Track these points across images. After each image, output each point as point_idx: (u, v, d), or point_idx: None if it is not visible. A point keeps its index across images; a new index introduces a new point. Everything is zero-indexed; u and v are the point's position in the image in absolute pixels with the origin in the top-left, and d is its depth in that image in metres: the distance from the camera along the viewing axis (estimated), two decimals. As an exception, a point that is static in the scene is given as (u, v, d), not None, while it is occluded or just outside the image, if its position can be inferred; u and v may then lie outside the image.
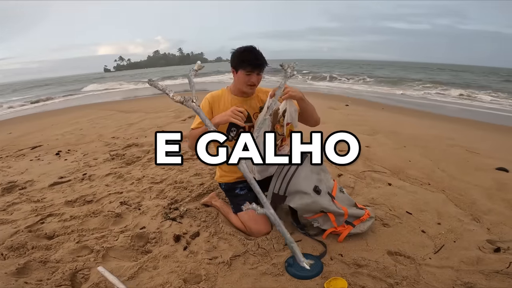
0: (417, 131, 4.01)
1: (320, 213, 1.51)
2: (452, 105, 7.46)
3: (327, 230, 1.52)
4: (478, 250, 1.45)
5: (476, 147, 3.20)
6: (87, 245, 1.55)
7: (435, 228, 1.65)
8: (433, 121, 4.97)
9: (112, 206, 2.00)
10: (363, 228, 1.53)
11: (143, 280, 1.29)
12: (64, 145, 3.87)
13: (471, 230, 1.61)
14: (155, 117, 5.40)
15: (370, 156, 2.88)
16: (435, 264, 1.35)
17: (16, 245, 1.53)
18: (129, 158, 3.02)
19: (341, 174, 2.42)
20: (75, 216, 1.88)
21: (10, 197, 2.23)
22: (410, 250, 1.45)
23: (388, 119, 4.90)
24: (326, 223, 1.53)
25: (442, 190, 2.15)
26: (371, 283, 1.24)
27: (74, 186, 2.43)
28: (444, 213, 1.80)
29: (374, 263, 1.35)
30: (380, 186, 2.19)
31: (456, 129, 4.30)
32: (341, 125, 4.19)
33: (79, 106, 9.13)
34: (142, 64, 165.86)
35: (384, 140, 3.47)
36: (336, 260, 1.38)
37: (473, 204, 1.93)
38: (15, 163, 3.18)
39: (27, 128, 5.49)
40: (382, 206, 1.88)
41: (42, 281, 1.28)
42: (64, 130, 4.86)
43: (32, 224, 1.80)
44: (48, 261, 1.42)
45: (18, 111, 9.63)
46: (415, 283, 1.24)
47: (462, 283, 1.23)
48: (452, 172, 2.47)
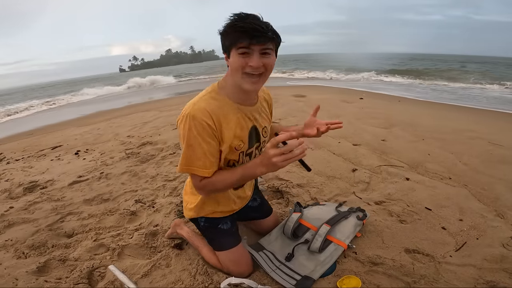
0: (436, 123, 3.85)
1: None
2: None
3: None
4: (502, 247, 1.37)
5: (499, 139, 3.03)
6: (103, 243, 1.59)
7: (456, 224, 1.58)
8: (451, 113, 4.77)
9: (127, 204, 2.04)
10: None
11: (156, 278, 1.30)
12: (83, 144, 3.99)
13: (495, 227, 1.54)
14: (168, 115, 5.47)
15: (386, 150, 2.79)
16: (456, 262, 1.30)
17: (37, 244, 1.60)
18: (143, 156, 3.08)
19: (356, 169, 2.36)
20: (93, 215, 1.94)
21: (31, 196, 2.32)
22: (429, 248, 1.39)
23: (404, 112, 4.73)
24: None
25: (464, 184, 2.05)
26: (386, 282, 1.20)
27: (92, 184, 2.50)
28: (466, 209, 1.72)
29: (390, 261, 1.30)
30: (397, 181, 2.12)
31: (477, 121, 4.10)
32: (355, 119, 4.09)
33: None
34: (156, 63, 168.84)
35: (401, 133, 3.36)
36: (350, 258, 1.35)
37: (497, 199, 1.83)
38: (37, 163, 3.30)
39: (48, 128, 5.70)
40: (399, 202, 1.82)
41: (61, 279, 1.32)
42: (83, 130, 5.01)
43: (53, 223, 1.86)
44: (67, 259, 1.47)
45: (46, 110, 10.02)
46: (434, 282, 1.19)
47: (484, 281, 1.18)
48: (475, 166, 2.36)
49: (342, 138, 3.23)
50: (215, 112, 1.01)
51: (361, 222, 1.52)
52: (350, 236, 1.43)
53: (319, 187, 2.09)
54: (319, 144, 3.05)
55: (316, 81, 11.68)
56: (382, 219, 1.64)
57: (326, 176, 2.27)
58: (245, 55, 0.93)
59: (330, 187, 2.09)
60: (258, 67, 0.95)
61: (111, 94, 14.23)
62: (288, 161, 0.89)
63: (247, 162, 1.06)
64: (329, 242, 1.38)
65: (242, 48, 0.92)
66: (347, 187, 2.09)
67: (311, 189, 2.07)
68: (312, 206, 1.70)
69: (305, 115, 4.47)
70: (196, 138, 0.99)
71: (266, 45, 0.94)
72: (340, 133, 3.39)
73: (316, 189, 2.07)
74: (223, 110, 1.04)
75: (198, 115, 0.98)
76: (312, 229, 1.45)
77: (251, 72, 0.96)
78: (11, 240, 1.68)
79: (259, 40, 0.91)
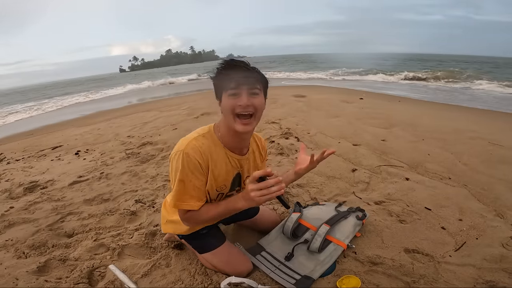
0: (436, 123, 3.85)
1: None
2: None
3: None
4: (502, 247, 1.37)
5: (499, 139, 3.03)
6: (103, 243, 1.59)
7: (456, 224, 1.58)
8: (452, 113, 4.77)
9: (127, 204, 2.04)
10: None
11: (156, 277, 1.30)
12: (83, 144, 3.99)
13: (495, 227, 1.54)
14: (168, 115, 5.47)
15: (386, 150, 2.80)
16: (455, 262, 1.30)
17: (37, 244, 1.60)
18: (143, 156, 3.08)
19: (356, 169, 2.37)
20: (93, 215, 1.94)
21: (32, 196, 2.32)
22: (428, 248, 1.39)
23: (405, 112, 4.74)
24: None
25: (463, 184, 2.05)
26: (386, 282, 1.20)
27: (92, 185, 2.50)
28: (466, 209, 1.72)
29: (390, 260, 1.31)
30: (396, 181, 2.13)
31: (477, 121, 4.11)
32: (355, 119, 4.09)
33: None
34: (156, 63, 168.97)
35: (401, 133, 3.36)
36: (350, 258, 1.35)
37: (496, 199, 1.83)
38: (37, 163, 3.31)
39: (49, 128, 5.71)
40: (399, 202, 1.82)
41: (61, 279, 1.32)
42: (83, 130, 5.01)
43: (53, 223, 1.87)
44: (67, 259, 1.47)
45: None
46: (433, 281, 1.19)
47: (484, 281, 1.18)
48: (475, 166, 2.36)
49: (342, 138, 3.23)
50: (206, 153, 1.07)
51: (360, 222, 1.52)
52: (349, 236, 1.43)
53: (319, 187, 2.09)
54: (319, 144, 3.05)
55: (317, 81, 11.68)
56: (381, 219, 1.64)
57: (326, 176, 2.27)
58: (235, 96, 0.98)
59: (330, 187, 2.10)
60: (247, 106, 0.98)
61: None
62: (265, 196, 0.91)
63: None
64: (329, 242, 1.38)
65: (231, 90, 0.98)
66: (347, 187, 2.09)
67: (311, 189, 2.07)
68: (311, 206, 1.71)
69: (305, 115, 4.48)
70: (187, 175, 1.04)
71: (254, 85, 0.99)
72: (340, 133, 3.39)
73: (316, 189, 2.07)
74: (214, 153, 1.09)
75: (191, 153, 1.03)
76: (312, 229, 1.45)
77: (241, 113, 0.99)
78: (12, 240, 1.68)
79: (247, 81, 0.98)
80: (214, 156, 1.09)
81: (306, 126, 3.83)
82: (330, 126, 3.76)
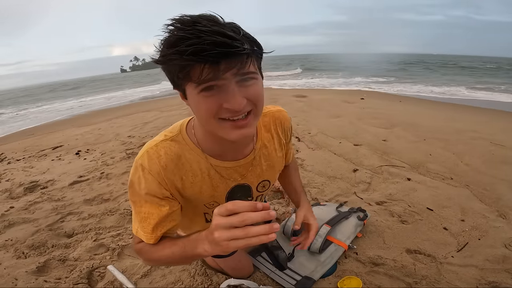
0: (438, 123, 3.84)
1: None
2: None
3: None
4: (504, 248, 1.36)
5: (501, 139, 3.02)
6: (103, 243, 1.59)
7: (458, 225, 1.57)
8: (454, 113, 4.76)
9: (127, 204, 2.04)
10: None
11: (155, 278, 1.30)
12: (84, 144, 3.99)
13: (497, 227, 1.52)
14: (169, 115, 5.47)
15: (387, 150, 2.78)
16: (457, 262, 1.28)
17: (37, 244, 1.59)
18: (144, 156, 3.07)
19: (357, 169, 2.35)
20: (93, 215, 1.93)
21: (32, 196, 2.32)
22: (430, 248, 1.38)
23: (406, 112, 4.73)
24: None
25: (465, 185, 2.04)
26: (387, 283, 1.19)
27: (92, 184, 2.49)
28: (468, 209, 1.71)
29: (392, 261, 1.30)
30: (398, 181, 2.11)
31: (479, 121, 4.09)
32: (356, 119, 4.08)
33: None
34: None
35: (402, 133, 3.34)
36: (351, 259, 1.34)
37: (499, 200, 1.82)
38: (37, 163, 3.30)
39: (49, 128, 5.71)
40: (401, 202, 1.81)
41: (60, 279, 1.32)
42: (83, 130, 5.01)
43: (53, 223, 1.86)
44: (67, 259, 1.46)
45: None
46: (435, 282, 1.18)
47: (486, 282, 1.17)
48: (477, 166, 2.35)
49: (343, 138, 3.22)
50: (173, 165, 0.73)
51: (361, 223, 1.51)
52: (350, 237, 1.42)
53: (320, 188, 2.08)
54: (320, 144, 3.04)
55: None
56: (383, 220, 1.63)
57: (327, 177, 2.26)
58: (213, 92, 0.56)
59: (331, 187, 2.09)
60: (241, 107, 0.58)
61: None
62: (237, 241, 0.50)
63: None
64: (330, 242, 1.37)
65: (205, 83, 0.55)
66: (348, 187, 2.08)
67: (312, 190, 2.06)
68: (312, 206, 1.69)
69: (306, 115, 4.47)
70: (139, 198, 0.73)
71: (245, 66, 0.56)
72: (341, 133, 3.38)
73: (317, 189, 2.06)
74: (187, 163, 0.76)
75: (148, 167, 0.71)
76: None
77: (232, 118, 0.60)
78: (11, 240, 1.67)
79: (231, 62, 0.53)
80: (187, 166, 0.75)
81: (307, 126, 3.82)
82: (331, 126, 3.75)
